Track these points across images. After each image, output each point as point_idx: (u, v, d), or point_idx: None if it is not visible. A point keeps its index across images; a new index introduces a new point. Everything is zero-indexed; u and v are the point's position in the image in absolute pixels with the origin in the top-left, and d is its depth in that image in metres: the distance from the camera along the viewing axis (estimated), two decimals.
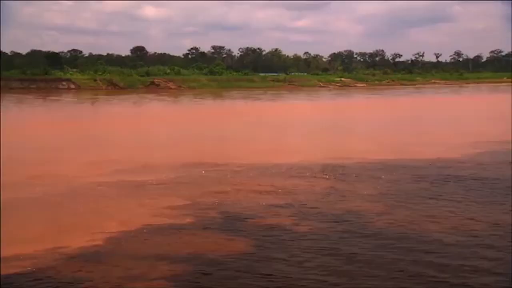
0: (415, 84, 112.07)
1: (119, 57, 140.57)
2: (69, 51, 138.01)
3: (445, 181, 16.59)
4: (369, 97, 75.50)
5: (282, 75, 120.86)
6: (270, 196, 15.14)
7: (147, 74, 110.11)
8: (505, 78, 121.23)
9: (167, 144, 27.18)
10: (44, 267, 9.53)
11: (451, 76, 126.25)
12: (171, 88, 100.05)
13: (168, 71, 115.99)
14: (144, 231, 11.63)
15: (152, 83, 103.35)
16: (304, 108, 57.16)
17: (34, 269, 9.45)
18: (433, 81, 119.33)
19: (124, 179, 17.52)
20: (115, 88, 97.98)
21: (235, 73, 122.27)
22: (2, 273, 9.25)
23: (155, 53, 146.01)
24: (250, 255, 10.03)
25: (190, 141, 28.50)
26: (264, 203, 14.14)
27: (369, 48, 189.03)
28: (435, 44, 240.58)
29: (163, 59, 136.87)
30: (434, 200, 14.26)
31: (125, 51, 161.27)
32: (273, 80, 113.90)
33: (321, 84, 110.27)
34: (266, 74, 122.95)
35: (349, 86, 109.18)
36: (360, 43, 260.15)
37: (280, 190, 15.86)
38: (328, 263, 9.66)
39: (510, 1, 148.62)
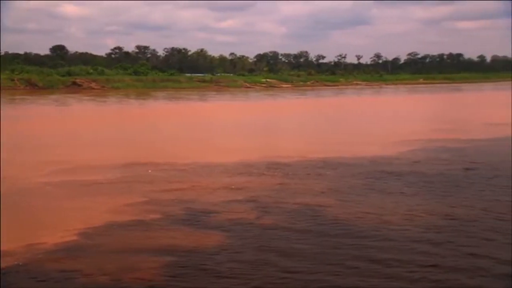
0: (338, 85, 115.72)
1: (37, 56, 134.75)
2: None
3: (388, 177, 17.60)
4: (298, 97, 77.22)
5: (208, 76, 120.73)
6: (226, 192, 15.56)
7: (69, 74, 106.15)
8: (421, 79, 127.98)
9: (103, 144, 26.82)
10: (29, 262, 9.54)
11: (372, 77, 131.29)
12: (94, 88, 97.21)
13: (91, 71, 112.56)
14: (114, 227, 11.75)
15: (74, 83, 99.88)
16: (236, 108, 57.60)
17: (20, 263, 9.46)
18: (355, 82, 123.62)
19: (70, 179, 17.37)
20: (34, 88, 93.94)
21: (160, 74, 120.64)
22: None
23: (76, 52, 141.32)
24: (227, 248, 10.45)
25: (127, 141, 28.24)
26: (222, 199, 14.54)
27: (293, 49, 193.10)
28: (356, 46, 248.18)
29: (85, 58, 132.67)
30: (383, 195, 15.18)
31: (44, 50, 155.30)
32: (199, 81, 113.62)
33: (248, 85, 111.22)
34: (192, 74, 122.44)
35: (274, 87, 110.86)
36: (284, 44, 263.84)
37: (233, 187, 16.29)
38: (299, 255, 10.22)
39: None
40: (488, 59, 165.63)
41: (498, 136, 27.81)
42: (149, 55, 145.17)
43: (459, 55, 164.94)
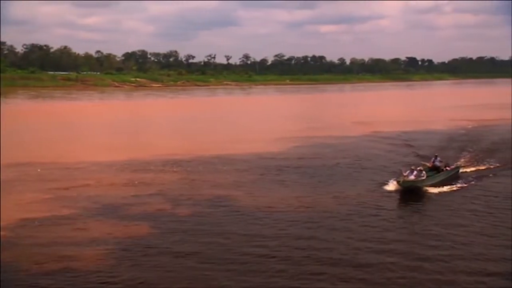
0: (209, 85, 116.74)
1: None
2: None
3: (282, 171, 18.82)
4: (172, 97, 76.66)
5: (73, 74, 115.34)
6: (133, 188, 15.82)
7: None
8: (287, 80, 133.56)
9: None
10: None
11: (242, 77, 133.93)
12: None
13: None
14: (34, 222, 11.62)
15: None
16: (111, 108, 55.60)
17: None
18: (225, 82, 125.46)
19: None
20: None
21: (19, 71, 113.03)
22: None
23: None
24: (157, 236, 10.93)
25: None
26: (132, 194, 14.84)
27: (162, 49, 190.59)
28: (225, 46, 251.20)
29: None
30: (283, 185, 16.44)
31: None
32: (64, 79, 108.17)
33: (116, 84, 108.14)
34: (55, 72, 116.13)
35: (145, 86, 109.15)
36: (153, 44, 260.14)
37: (137, 182, 16.55)
38: (222, 241, 11.04)
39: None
40: (348, 61, 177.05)
41: (365, 133, 30.44)
42: (6, 51, 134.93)
43: (322, 57, 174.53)
